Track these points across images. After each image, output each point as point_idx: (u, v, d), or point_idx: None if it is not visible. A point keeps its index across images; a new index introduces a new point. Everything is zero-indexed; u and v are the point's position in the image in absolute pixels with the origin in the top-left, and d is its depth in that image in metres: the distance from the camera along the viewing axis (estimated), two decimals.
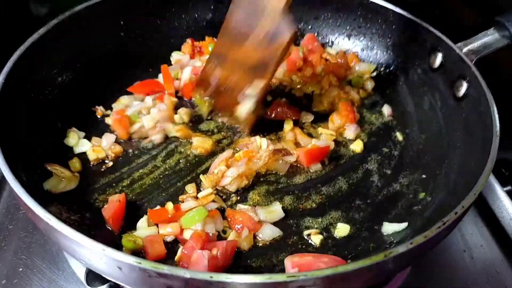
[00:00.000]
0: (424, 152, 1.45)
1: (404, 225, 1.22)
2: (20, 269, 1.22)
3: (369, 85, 1.67)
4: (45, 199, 1.09)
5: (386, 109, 1.61)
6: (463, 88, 1.39)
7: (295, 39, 1.27)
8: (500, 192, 1.49)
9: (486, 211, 1.47)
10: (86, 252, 0.87)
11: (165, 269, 0.78)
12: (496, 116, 1.21)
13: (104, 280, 1.17)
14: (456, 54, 1.41)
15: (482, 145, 1.18)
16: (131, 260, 0.80)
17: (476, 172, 1.08)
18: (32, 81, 1.31)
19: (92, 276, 1.18)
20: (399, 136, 1.52)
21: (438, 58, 1.51)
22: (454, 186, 1.24)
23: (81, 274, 1.20)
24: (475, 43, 1.42)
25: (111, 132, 1.41)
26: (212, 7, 1.77)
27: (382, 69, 1.72)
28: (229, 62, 1.33)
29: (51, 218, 0.88)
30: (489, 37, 1.40)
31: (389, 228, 1.22)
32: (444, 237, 1.05)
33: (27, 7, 1.78)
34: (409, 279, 1.25)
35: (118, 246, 1.11)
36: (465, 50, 1.41)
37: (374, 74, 1.71)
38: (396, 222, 1.23)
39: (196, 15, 1.77)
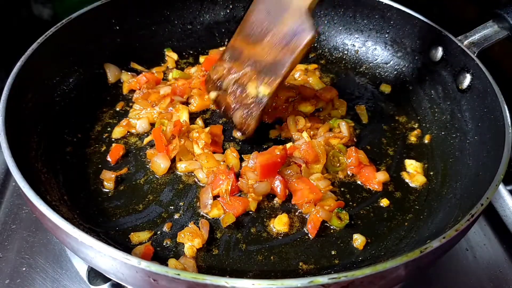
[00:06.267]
0: (432, 146, 1.45)
1: None
2: (24, 269, 1.23)
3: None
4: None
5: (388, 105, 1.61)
6: (467, 80, 1.40)
7: (313, 43, 1.22)
8: (503, 190, 1.48)
9: (488, 210, 1.45)
10: (119, 266, 0.88)
11: (206, 279, 0.80)
12: (505, 107, 1.22)
13: (106, 279, 1.18)
14: (458, 47, 1.42)
15: (494, 136, 1.20)
16: (171, 272, 0.81)
17: (493, 162, 1.10)
18: (34, 91, 1.32)
19: (94, 274, 1.19)
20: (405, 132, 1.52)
21: (439, 52, 1.51)
22: (469, 179, 1.25)
23: (83, 273, 1.21)
24: (476, 36, 1.42)
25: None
26: (207, 9, 1.79)
27: (381, 65, 1.72)
28: (243, 59, 1.29)
29: (81, 234, 0.89)
30: (488, 29, 1.41)
31: None
32: (468, 231, 1.05)
33: (29, 8, 1.80)
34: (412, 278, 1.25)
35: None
36: (466, 43, 1.42)
37: None
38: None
39: (191, 18, 1.78)
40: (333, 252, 1.16)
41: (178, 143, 1.34)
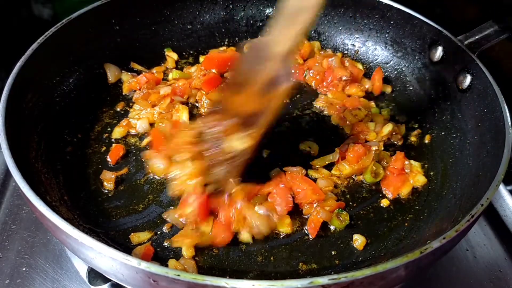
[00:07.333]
0: (432, 146, 1.45)
1: None
2: (23, 269, 1.23)
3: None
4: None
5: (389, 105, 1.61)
6: (467, 80, 1.40)
7: (288, 91, 1.11)
8: (503, 190, 1.48)
9: (489, 210, 1.45)
10: (119, 267, 0.88)
11: (206, 280, 0.80)
12: (505, 107, 1.22)
13: (106, 279, 1.18)
14: (458, 47, 1.42)
15: (494, 136, 1.20)
16: (171, 273, 0.81)
17: (493, 163, 1.10)
18: (34, 91, 1.32)
19: (94, 274, 1.19)
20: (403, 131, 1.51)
21: (439, 51, 1.52)
22: (469, 179, 1.25)
23: (83, 273, 1.21)
24: (476, 36, 1.42)
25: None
26: (207, 9, 1.79)
27: (381, 65, 1.71)
28: (228, 110, 1.18)
29: (81, 235, 0.89)
30: (489, 30, 1.41)
31: None
32: (468, 231, 1.05)
33: (29, 8, 1.80)
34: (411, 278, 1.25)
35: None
36: (466, 43, 1.42)
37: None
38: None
39: (191, 18, 1.78)
40: (333, 253, 1.16)
41: None
